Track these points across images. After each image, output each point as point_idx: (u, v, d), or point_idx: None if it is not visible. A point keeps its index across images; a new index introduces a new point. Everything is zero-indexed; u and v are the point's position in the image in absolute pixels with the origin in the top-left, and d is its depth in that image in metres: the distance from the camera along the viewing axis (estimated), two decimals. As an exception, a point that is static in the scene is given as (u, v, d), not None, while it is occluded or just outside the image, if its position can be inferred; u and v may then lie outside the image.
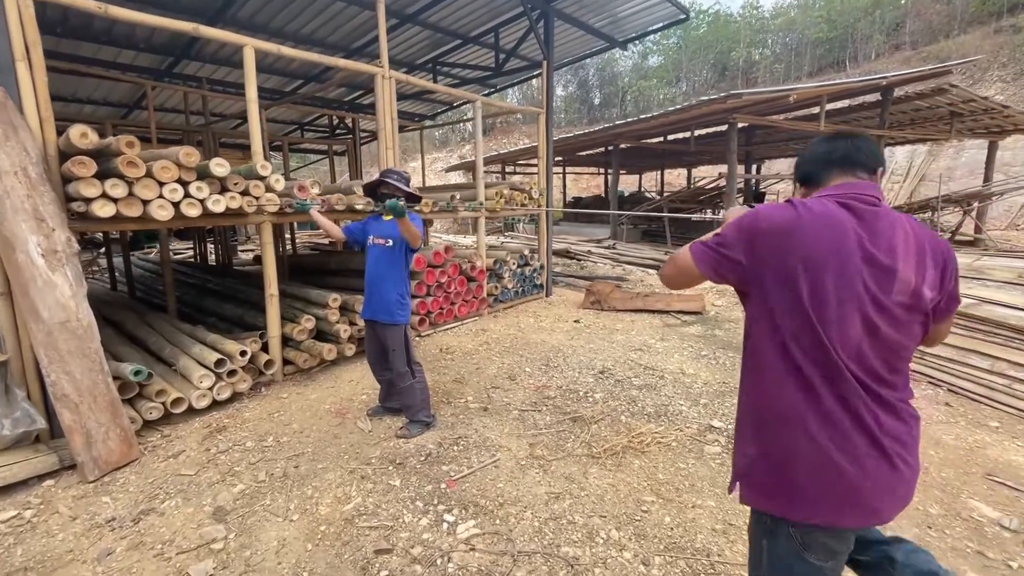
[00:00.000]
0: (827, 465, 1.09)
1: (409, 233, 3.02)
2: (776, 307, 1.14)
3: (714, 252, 1.22)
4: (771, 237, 1.14)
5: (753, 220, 1.18)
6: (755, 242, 1.16)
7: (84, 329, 2.98)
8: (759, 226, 1.16)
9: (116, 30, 6.52)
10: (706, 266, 1.23)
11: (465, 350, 5.03)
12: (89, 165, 2.88)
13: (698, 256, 1.24)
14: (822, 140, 1.34)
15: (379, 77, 4.78)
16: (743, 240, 1.18)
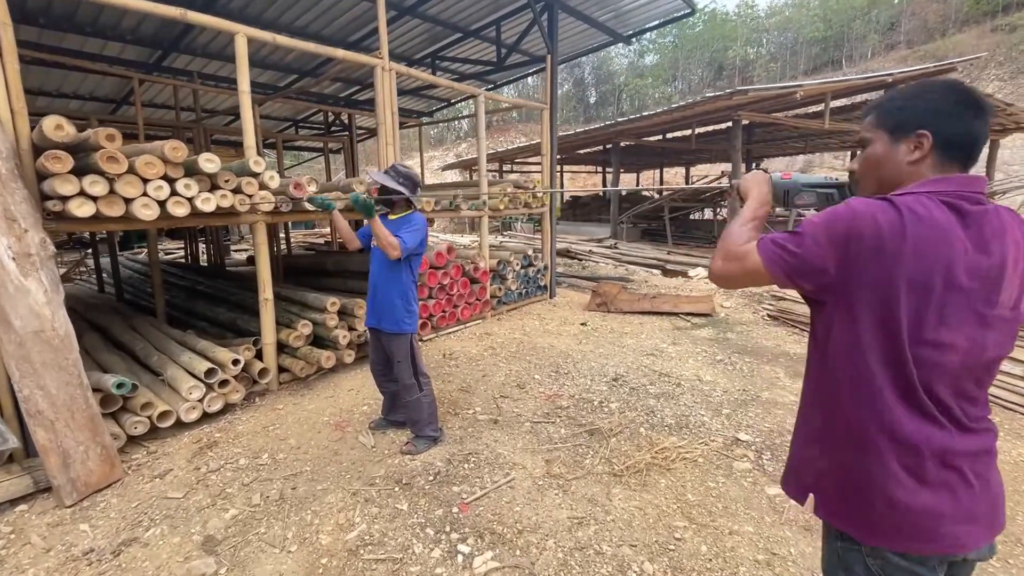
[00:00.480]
0: (902, 489, 1.00)
1: (378, 237, 2.71)
2: (864, 323, 1.00)
3: (791, 256, 1.02)
4: (871, 246, 0.95)
5: (850, 222, 0.97)
6: (849, 249, 0.96)
7: (61, 339, 2.73)
8: (858, 231, 0.96)
9: (102, 20, 6.24)
10: (779, 271, 1.03)
11: (469, 355, 4.80)
12: (65, 160, 2.63)
13: (770, 258, 1.04)
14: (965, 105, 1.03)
15: (379, 69, 4.55)
16: (834, 245, 0.97)
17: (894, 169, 1.06)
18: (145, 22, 6.40)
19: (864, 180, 1.13)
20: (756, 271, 1.06)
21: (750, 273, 1.08)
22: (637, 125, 11.56)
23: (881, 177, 1.09)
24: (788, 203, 1.30)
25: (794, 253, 1.01)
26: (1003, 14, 30.59)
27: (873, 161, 1.10)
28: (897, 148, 1.05)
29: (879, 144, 1.08)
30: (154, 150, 2.95)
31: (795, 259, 1.01)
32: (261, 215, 3.74)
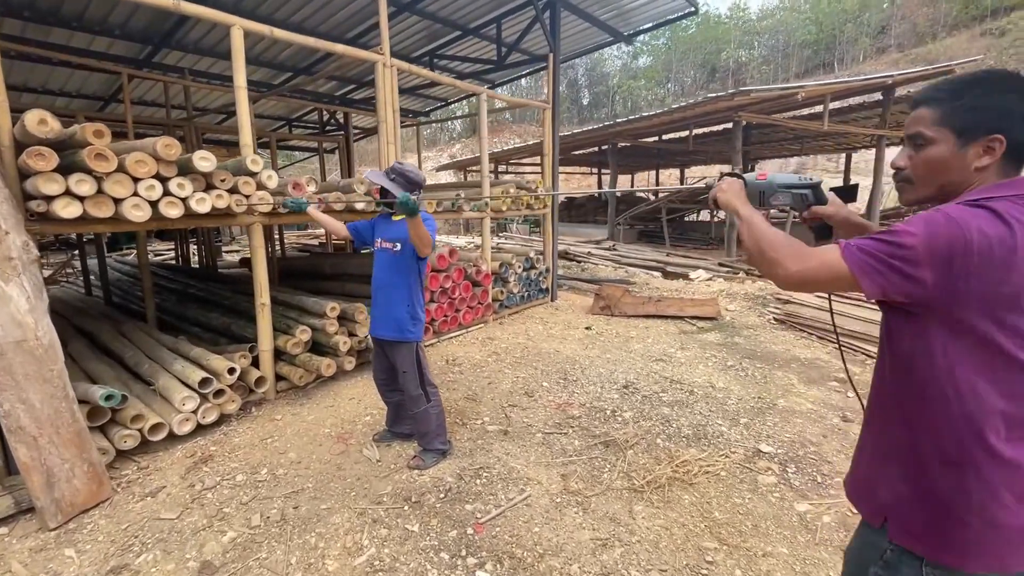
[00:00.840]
0: (1006, 512, 0.95)
1: (418, 237, 2.59)
2: (969, 340, 0.93)
3: (886, 266, 0.93)
4: (980, 261, 0.87)
5: (953, 235, 0.88)
6: (953, 264, 0.88)
7: (45, 349, 2.55)
8: (963, 244, 0.87)
9: (89, 14, 6.02)
10: (871, 282, 0.95)
11: (474, 361, 4.65)
12: (49, 157, 2.46)
13: (859, 266, 0.95)
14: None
15: (380, 65, 4.39)
16: (935, 259, 0.89)
17: (960, 174, 0.99)
18: (135, 16, 6.19)
19: (921, 183, 1.05)
20: (839, 277, 0.97)
21: (833, 277, 0.99)
22: (635, 126, 11.47)
23: (944, 182, 1.01)
24: (763, 203, 1.29)
25: (887, 262, 0.92)
26: (991, 18, 31.00)
27: (936, 164, 1.01)
28: (965, 152, 0.98)
29: (944, 146, 0.99)
30: (145, 147, 2.78)
31: (889, 268, 0.92)
32: (258, 216, 3.57)
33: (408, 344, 2.81)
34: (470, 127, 44.87)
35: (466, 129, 45.87)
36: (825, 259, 0.98)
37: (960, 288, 0.89)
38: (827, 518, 2.37)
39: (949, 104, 0.99)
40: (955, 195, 0.99)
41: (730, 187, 1.26)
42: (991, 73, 0.99)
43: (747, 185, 1.29)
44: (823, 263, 0.98)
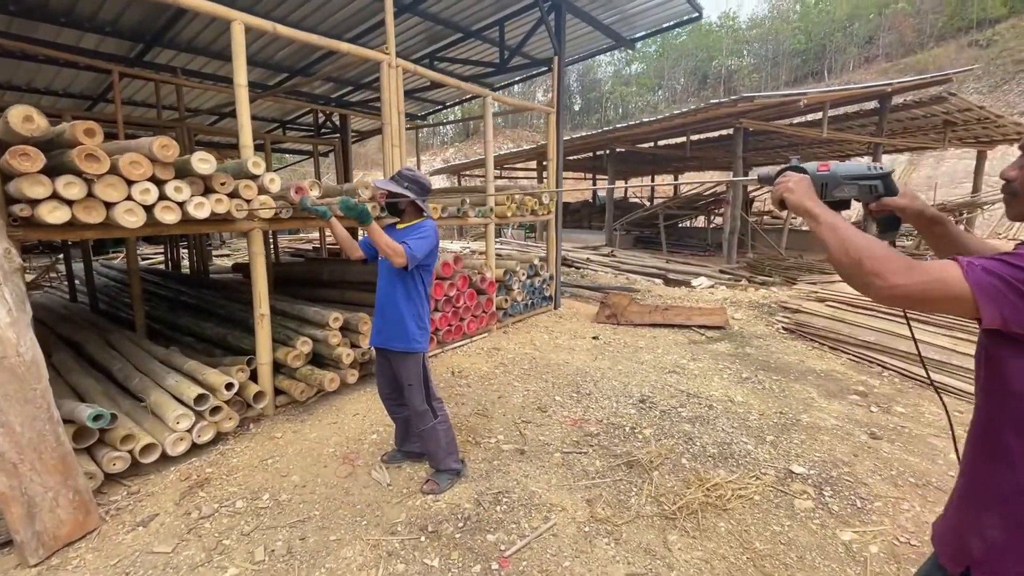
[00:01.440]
0: None
1: (379, 245, 2.42)
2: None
3: (1016, 293, 0.82)
4: None
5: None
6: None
7: (27, 366, 2.34)
8: None
9: (79, 9, 5.79)
10: (995, 308, 0.83)
11: (480, 373, 4.47)
12: (35, 158, 2.25)
13: (984, 289, 0.84)
14: None
15: (385, 66, 4.22)
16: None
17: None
18: (127, 12, 5.97)
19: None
20: (958, 299, 0.85)
21: (950, 300, 0.87)
22: (635, 131, 11.41)
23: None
24: (825, 196, 1.16)
25: (1020, 291, 0.81)
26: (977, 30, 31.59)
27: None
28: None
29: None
30: (141, 148, 2.58)
31: (1017, 297, 0.81)
32: (258, 222, 3.38)
33: (414, 355, 2.66)
34: (463, 131, 44.76)
35: (458, 133, 45.75)
36: (942, 276, 0.86)
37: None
38: (874, 548, 2.23)
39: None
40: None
41: (798, 185, 1.12)
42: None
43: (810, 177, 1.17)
44: (939, 280, 0.86)
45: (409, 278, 2.64)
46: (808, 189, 1.13)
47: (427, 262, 2.65)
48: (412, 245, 2.48)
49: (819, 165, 1.18)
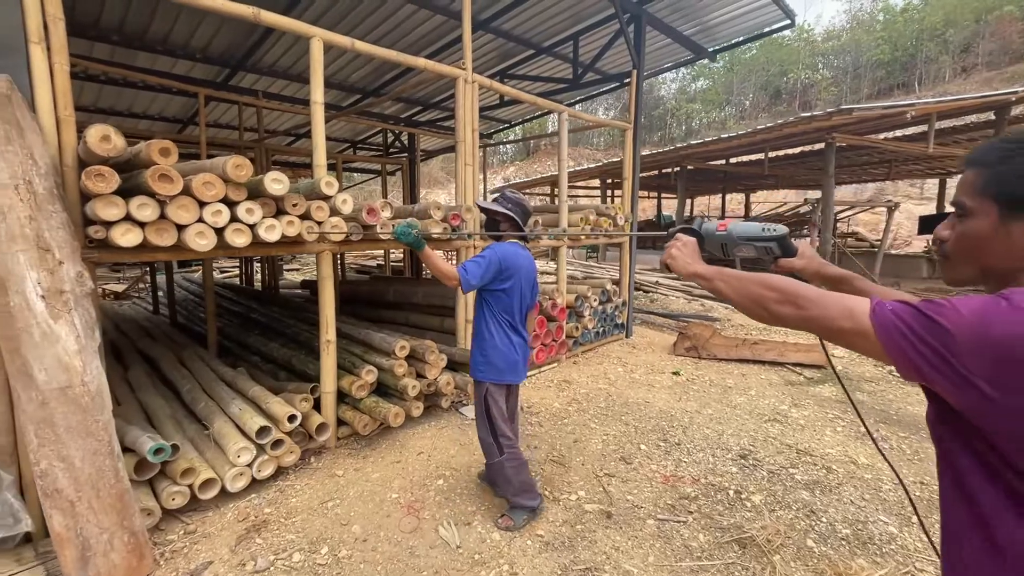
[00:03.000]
0: None
1: (430, 268, 2.44)
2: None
3: (922, 344, 0.72)
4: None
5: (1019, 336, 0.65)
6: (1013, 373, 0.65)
7: (92, 397, 2.21)
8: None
9: (172, 38, 6.10)
10: (901, 356, 0.74)
11: (552, 410, 4.09)
12: (110, 178, 2.15)
13: (887, 329, 0.76)
14: None
15: (461, 81, 4.03)
16: (988, 359, 0.67)
17: (1004, 258, 0.80)
18: (215, 39, 6.23)
19: (959, 260, 0.87)
20: (863, 334, 0.79)
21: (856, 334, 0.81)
22: (709, 148, 10.76)
23: (985, 264, 0.84)
24: (727, 255, 1.22)
25: (927, 344, 0.72)
26: (1100, 33, 28.09)
27: (974, 241, 0.83)
28: (1009, 229, 0.79)
29: (983, 220, 0.81)
30: (214, 168, 2.46)
31: (927, 348, 0.72)
32: (328, 244, 3.21)
33: (477, 384, 2.65)
34: (523, 150, 45.12)
35: (519, 152, 46.13)
36: (850, 306, 0.82)
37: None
38: None
39: (995, 168, 0.81)
40: (1008, 283, 0.80)
41: (681, 251, 1.16)
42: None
43: (705, 239, 1.22)
44: (846, 309, 0.82)
45: (480, 304, 2.64)
46: (692, 253, 1.15)
47: (495, 287, 2.56)
48: (466, 267, 2.45)
49: (718, 224, 1.19)
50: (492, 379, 2.59)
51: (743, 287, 0.98)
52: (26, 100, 2.21)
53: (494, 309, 2.59)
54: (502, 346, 2.57)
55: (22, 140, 2.18)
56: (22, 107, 2.20)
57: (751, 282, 0.97)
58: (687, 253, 1.15)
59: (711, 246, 1.21)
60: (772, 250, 1.17)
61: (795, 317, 0.89)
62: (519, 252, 2.64)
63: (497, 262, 2.50)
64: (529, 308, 2.78)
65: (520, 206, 2.65)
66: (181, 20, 5.66)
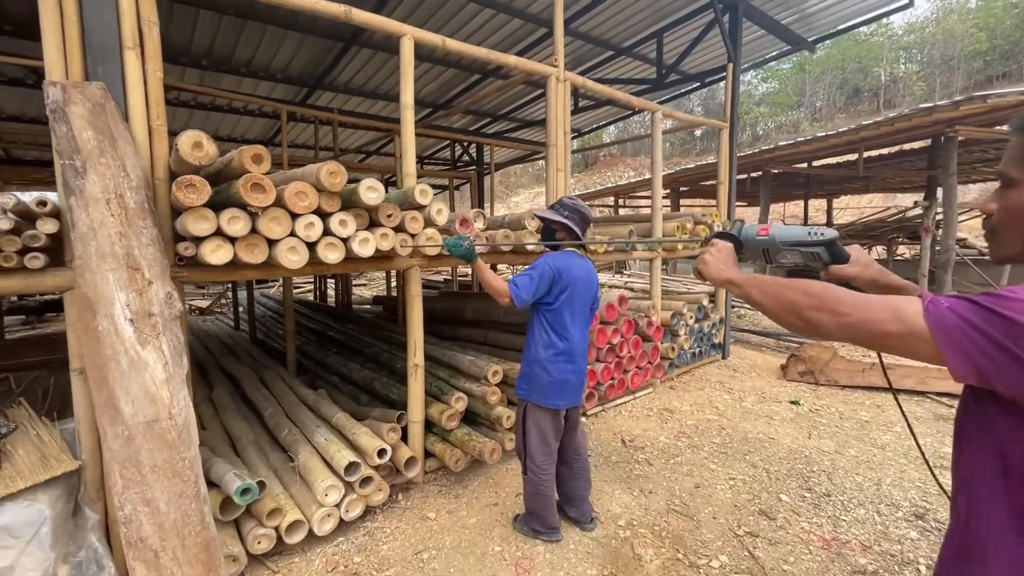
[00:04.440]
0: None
1: (483, 283, 2.34)
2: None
3: (987, 341, 0.67)
4: None
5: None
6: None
7: (179, 431, 1.99)
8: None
9: (256, 60, 6.22)
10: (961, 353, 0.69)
11: (659, 445, 3.58)
12: (201, 189, 1.94)
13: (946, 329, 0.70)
14: None
15: (552, 80, 3.69)
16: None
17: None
18: (295, 59, 6.31)
19: (1005, 234, 0.81)
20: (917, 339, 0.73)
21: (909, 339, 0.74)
22: (799, 150, 9.87)
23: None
24: (769, 261, 1.14)
25: (993, 340, 0.67)
26: None
27: (1017, 211, 0.78)
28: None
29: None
30: (307, 175, 2.22)
31: (995, 350, 0.67)
32: (418, 259, 2.92)
33: (519, 401, 2.51)
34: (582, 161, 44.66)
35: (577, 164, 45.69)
36: (898, 307, 0.75)
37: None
38: None
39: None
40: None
41: (714, 257, 1.11)
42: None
43: (744, 245, 1.15)
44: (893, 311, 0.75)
45: (532, 316, 2.47)
46: (726, 259, 1.11)
47: (547, 300, 2.37)
48: (517, 281, 2.30)
49: (759, 228, 1.14)
50: (534, 400, 2.40)
51: (777, 293, 0.94)
52: (119, 109, 2.06)
53: (546, 323, 2.40)
54: (549, 364, 2.37)
55: (114, 151, 2.02)
56: (115, 116, 2.05)
57: (786, 288, 0.92)
58: (720, 259, 1.10)
59: (752, 252, 1.15)
60: (820, 256, 1.08)
61: (834, 325, 0.83)
62: (575, 262, 2.40)
63: (550, 274, 2.32)
64: (588, 323, 2.54)
65: (578, 213, 2.43)
66: (265, 41, 5.74)
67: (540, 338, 2.41)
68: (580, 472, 2.64)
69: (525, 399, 2.44)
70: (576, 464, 2.64)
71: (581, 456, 2.65)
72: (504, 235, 3.22)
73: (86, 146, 1.96)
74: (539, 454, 2.43)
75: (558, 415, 2.46)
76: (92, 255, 1.92)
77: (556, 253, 2.44)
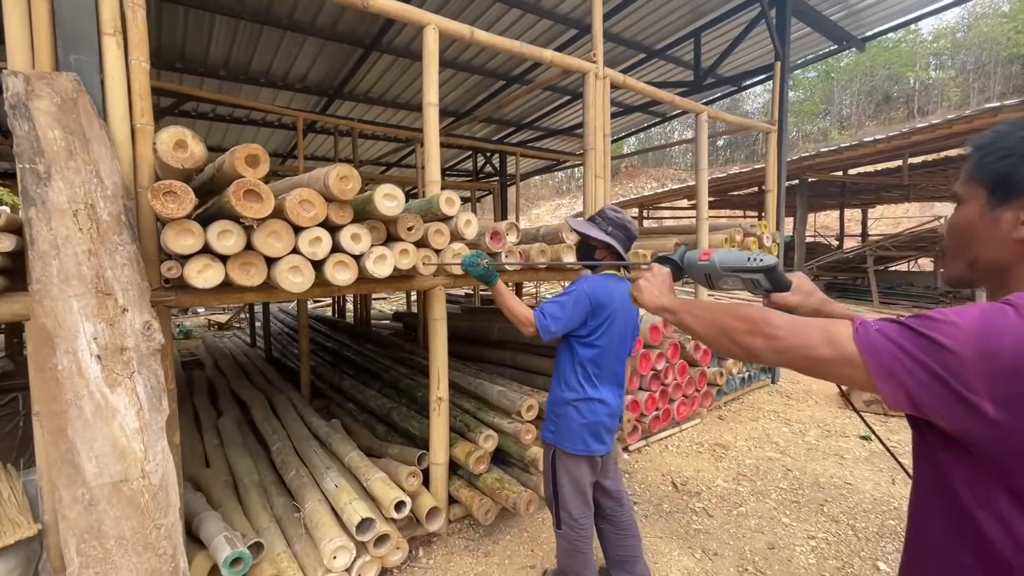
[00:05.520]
0: None
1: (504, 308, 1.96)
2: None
3: (916, 366, 0.64)
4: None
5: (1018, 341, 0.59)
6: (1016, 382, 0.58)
7: (154, 492, 1.63)
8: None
9: (273, 70, 6.03)
10: (891, 378, 0.66)
11: (717, 490, 3.10)
12: (182, 196, 1.59)
13: (876, 352, 0.67)
14: None
15: (591, 76, 3.32)
16: (992, 373, 0.59)
17: (993, 245, 0.73)
18: (313, 68, 6.09)
19: (950, 253, 0.81)
20: (849, 361, 0.70)
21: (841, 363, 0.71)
22: (842, 157, 9.33)
23: (973, 256, 0.76)
24: (711, 286, 1.14)
25: (922, 365, 0.63)
26: None
27: (961, 229, 0.77)
28: (997, 216, 0.72)
29: (972, 206, 0.76)
30: (313, 181, 1.87)
31: (924, 371, 0.63)
32: (443, 278, 2.54)
33: (546, 446, 2.12)
34: (601, 174, 44.14)
35: (597, 176, 45.15)
36: (829, 330, 0.73)
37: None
38: None
39: (984, 149, 0.74)
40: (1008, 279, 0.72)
41: (650, 283, 1.11)
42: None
43: (686, 270, 1.16)
44: (825, 334, 0.73)
45: (562, 351, 2.06)
46: (661, 284, 1.10)
47: (581, 333, 1.98)
48: (544, 310, 1.93)
49: (701, 253, 1.13)
50: (564, 446, 2.00)
51: (710, 319, 0.92)
52: (95, 105, 1.75)
53: (577, 359, 2.00)
54: (581, 405, 1.98)
55: (87, 154, 1.69)
56: (89, 113, 1.73)
57: (718, 312, 0.91)
58: (656, 284, 1.10)
59: (695, 277, 1.15)
60: (760, 283, 1.05)
61: (768, 349, 0.80)
62: (614, 287, 2.00)
63: (586, 302, 1.94)
64: (627, 354, 2.13)
65: (623, 229, 2.02)
66: (283, 48, 5.53)
67: (570, 377, 2.02)
68: (626, 525, 2.19)
69: (553, 444, 2.05)
70: (619, 516, 2.20)
71: (624, 505, 2.21)
72: (539, 250, 2.83)
73: (51, 147, 1.64)
74: (574, 505, 2.02)
75: (594, 460, 2.06)
76: (53, 277, 1.59)
77: (593, 277, 2.04)
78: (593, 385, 1.98)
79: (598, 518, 2.18)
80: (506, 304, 1.95)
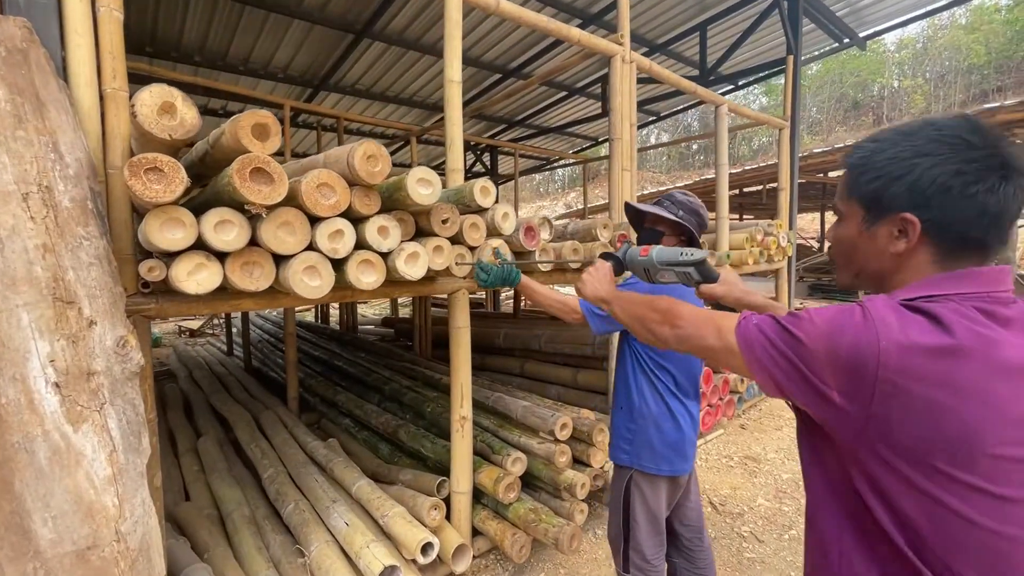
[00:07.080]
0: None
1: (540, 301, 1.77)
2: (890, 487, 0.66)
3: (780, 357, 0.70)
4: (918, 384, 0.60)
5: (864, 342, 0.63)
6: (863, 379, 0.63)
7: (131, 559, 1.26)
8: (875, 355, 0.62)
9: (254, 57, 5.59)
10: (760, 368, 0.73)
11: (760, 511, 2.84)
12: (171, 174, 1.23)
13: (750, 343, 0.74)
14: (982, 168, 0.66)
15: (617, 60, 3.04)
16: (837, 367, 0.65)
17: (875, 260, 0.76)
18: (297, 57, 5.68)
19: (839, 263, 0.84)
20: (731, 351, 0.77)
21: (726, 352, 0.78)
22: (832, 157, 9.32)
23: (858, 268, 0.80)
24: (651, 279, 1.23)
25: (784, 356, 0.70)
26: None
27: (845, 244, 0.80)
28: (874, 232, 0.75)
29: (852, 223, 0.78)
30: (334, 162, 1.52)
31: (786, 364, 0.69)
32: (468, 280, 2.21)
33: (618, 469, 1.81)
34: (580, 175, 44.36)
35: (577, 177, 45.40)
36: (719, 322, 0.80)
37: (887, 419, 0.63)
38: None
39: (857, 169, 0.76)
40: (888, 286, 0.76)
41: (593, 276, 1.21)
42: (918, 126, 0.71)
43: (627, 264, 1.25)
44: (715, 326, 0.80)
45: (625, 351, 1.82)
46: (603, 278, 1.20)
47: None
48: None
49: (641, 250, 1.20)
50: (645, 467, 1.71)
51: (632, 310, 1.02)
52: (51, 61, 1.36)
53: (644, 360, 1.74)
54: (660, 417, 1.72)
55: (40, 121, 1.31)
56: (44, 70, 1.34)
57: (638, 303, 1.00)
58: (597, 278, 1.20)
59: (635, 271, 1.24)
60: (692, 275, 1.15)
61: (672, 337, 0.89)
62: (685, 290, 1.70)
63: (648, 290, 1.60)
64: (702, 362, 1.83)
65: (696, 215, 1.75)
66: (265, 32, 5.10)
67: (645, 381, 1.74)
68: (704, 564, 1.90)
69: (630, 467, 1.75)
70: (698, 552, 1.90)
71: (705, 541, 1.92)
72: (572, 248, 2.52)
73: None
74: (649, 545, 1.72)
75: (677, 482, 1.78)
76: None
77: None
78: (673, 395, 1.71)
79: (672, 550, 1.89)
80: (542, 296, 1.75)
